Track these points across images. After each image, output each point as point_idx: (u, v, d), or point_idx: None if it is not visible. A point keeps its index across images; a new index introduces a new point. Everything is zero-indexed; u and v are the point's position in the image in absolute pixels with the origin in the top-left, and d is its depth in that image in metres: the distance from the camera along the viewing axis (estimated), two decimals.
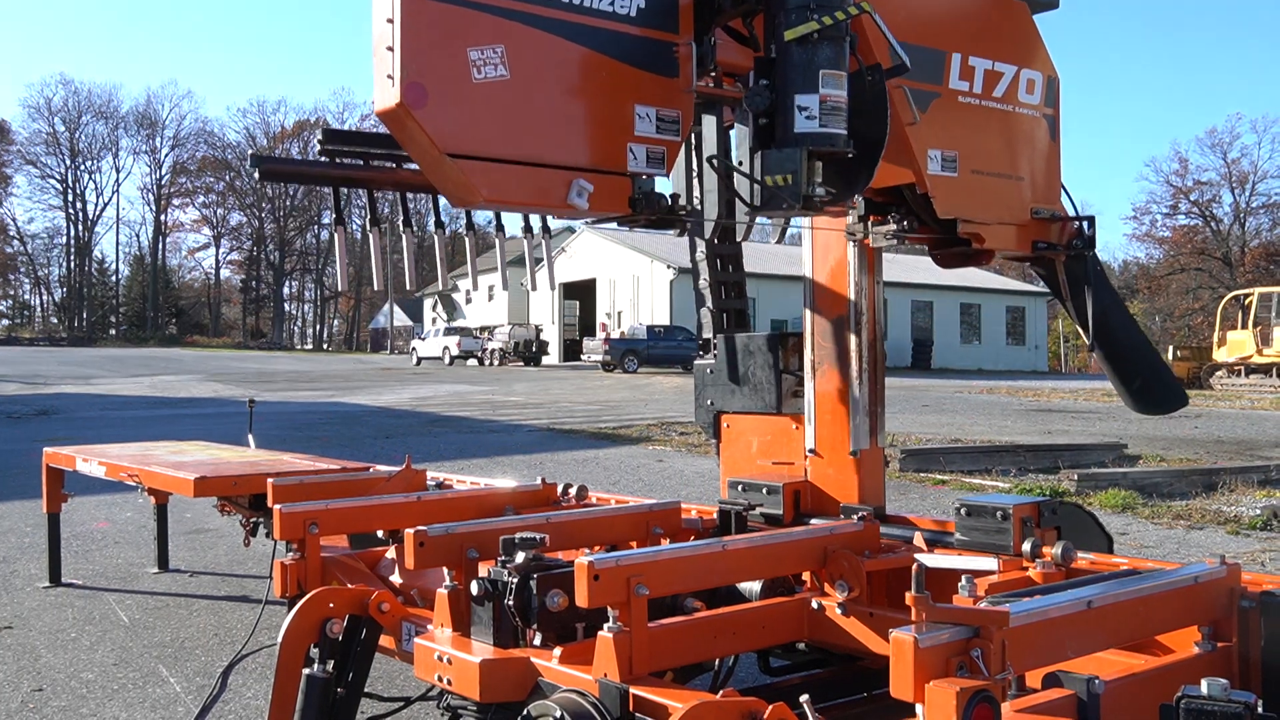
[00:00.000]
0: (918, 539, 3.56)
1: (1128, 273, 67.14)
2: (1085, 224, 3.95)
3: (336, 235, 3.95)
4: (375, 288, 4.45)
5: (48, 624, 5.88)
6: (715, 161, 3.53)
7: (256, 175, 3.82)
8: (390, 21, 2.72)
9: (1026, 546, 3.23)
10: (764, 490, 3.91)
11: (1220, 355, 32.00)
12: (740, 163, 3.17)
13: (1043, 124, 3.98)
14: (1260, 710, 2.12)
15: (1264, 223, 59.87)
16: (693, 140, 3.76)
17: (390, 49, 2.71)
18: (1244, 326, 31.88)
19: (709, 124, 3.77)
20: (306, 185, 4.20)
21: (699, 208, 3.72)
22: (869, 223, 3.74)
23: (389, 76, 2.72)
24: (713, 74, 3.35)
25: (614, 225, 3.40)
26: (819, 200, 3.09)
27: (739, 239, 4.44)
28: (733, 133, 3.42)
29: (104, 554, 7.68)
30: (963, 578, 2.59)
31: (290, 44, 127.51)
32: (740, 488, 3.99)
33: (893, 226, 3.68)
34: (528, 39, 2.89)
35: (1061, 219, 3.94)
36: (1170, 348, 37.16)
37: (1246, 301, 32.76)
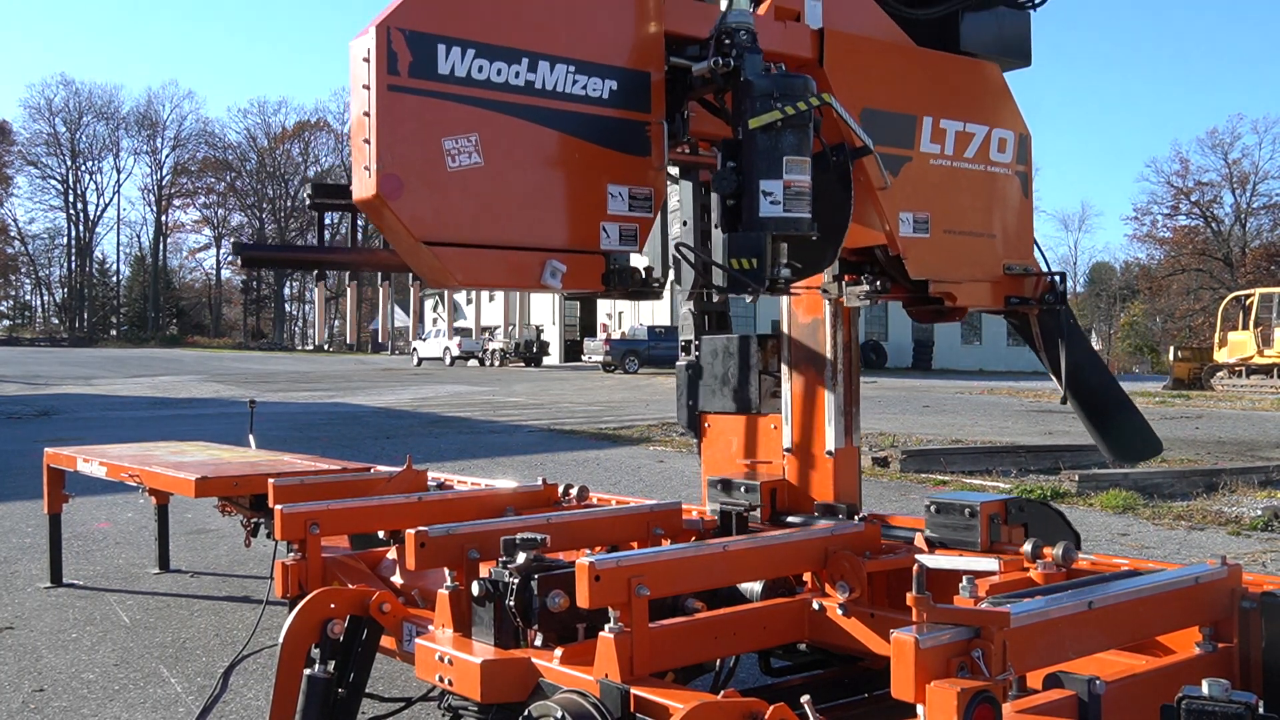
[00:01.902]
0: (918, 540, 3.56)
1: (1129, 273, 67.10)
2: (1057, 278, 4.01)
3: (317, 290, 4.08)
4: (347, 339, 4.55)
5: (49, 624, 5.88)
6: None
7: (239, 263, 3.88)
8: (367, 115, 2.77)
9: (1027, 547, 3.23)
10: (742, 489, 3.95)
11: (1221, 356, 31.97)
12: (716, 224, 3.23)
13: (1014, 181, 4.03)
14: (1261, 711, 2.12)
15: (1265, 223, 59.89)
16: (667, 205, 3.81)
17: (367, 141, 2.77)
18: (1245, 327, 31.85)
19: (685, 189, 3.81)
20: (289, 269, 4.24)
21: (673, 270, 3.78)
22: (843, 282, 3.78)
23: (366, 168, 2.77)
24: (686, 143, 3.41)
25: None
26: (784, 283, 3.16)
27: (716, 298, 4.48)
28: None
29: (105, 554, 7.68)
30: (964, 578, 2.59)
31: (291, 44, 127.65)
32: (719, 486, 4.02)
33: (866, 287, 3.73)
34: (501, 126, 2.93)
35: (1034, 274, 4.00)
36: (1171, 348, 37.15)
37: (1247, 302, 32.74)
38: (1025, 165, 4.07)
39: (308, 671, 3.26)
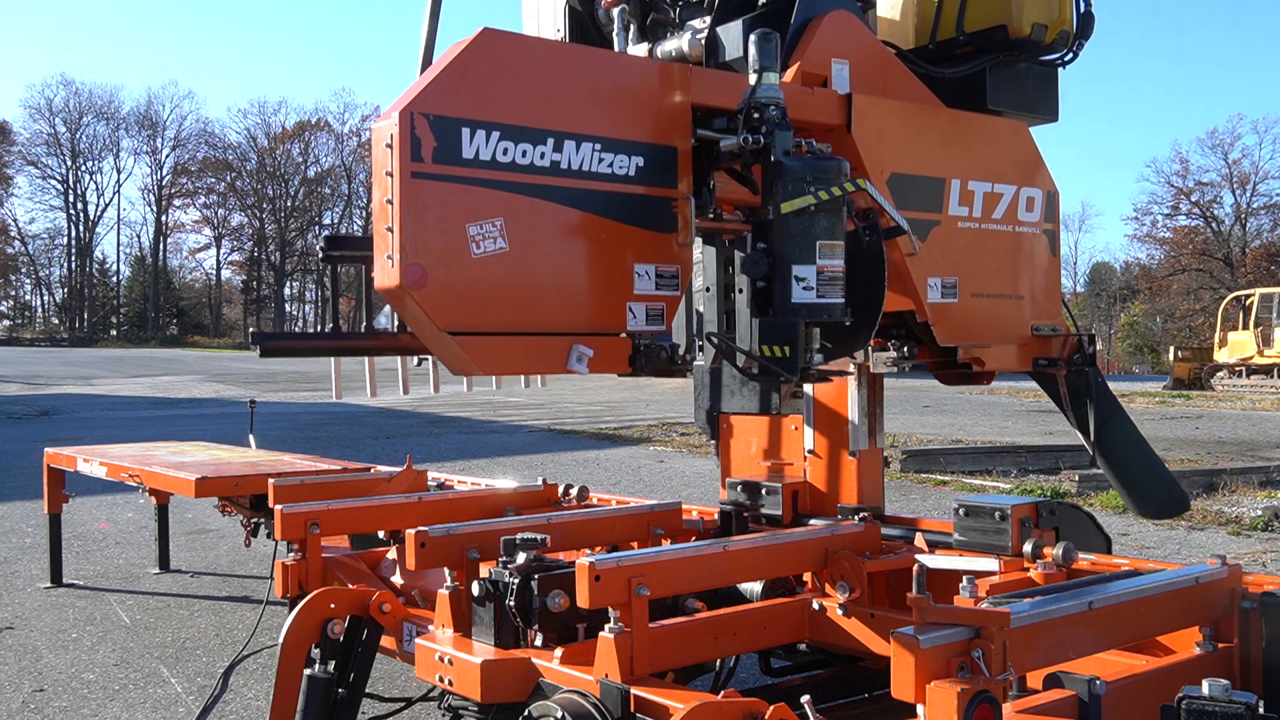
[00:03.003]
0: (919, 540, 3.56)
1: (1129, 273, 67.09)
2: (1086, 339, 3.93)
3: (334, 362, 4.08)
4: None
5: (49, 624, 5.88)
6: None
7: (259, 353, 3.86)
8: (389, 203, 2.70)
9: (1027, 547, 3.22)
10: (763, 491, 3.91)
11: (1221, 356, 31.96)
12: (740, 290, 3.14)
13: (1043, 240, 3.97)
14: (1261, 711, 2.12)
15: (1265, 223, 59.83)
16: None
17: (390, 229, 2.70)
18: (1245, 327, 31.84)
19: (708, 254, 3.72)
20: (308, 357, 4.22)
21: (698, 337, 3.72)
22: (870, 348, 3.72)
23: (388, 257, 2.71)
24: (712, 213, 3.32)
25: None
26: (815, 371, 3.07)
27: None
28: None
29: (105, 554, 7.68)
30: (964, 579, 2.60)
31: (291, 44, 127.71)
32: (739, 488, 3.98)
33: (893, 354, 3.67)
34: (526, 209, 2.86)
35: (1062, 335, 3.94)
36: (1171, 348, 37.14)
37: (1248, 302, 32.72)
38: (1053, 223, 4.00)
39: (308, 671, 3.26)
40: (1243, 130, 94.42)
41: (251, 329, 4.71)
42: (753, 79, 3.03)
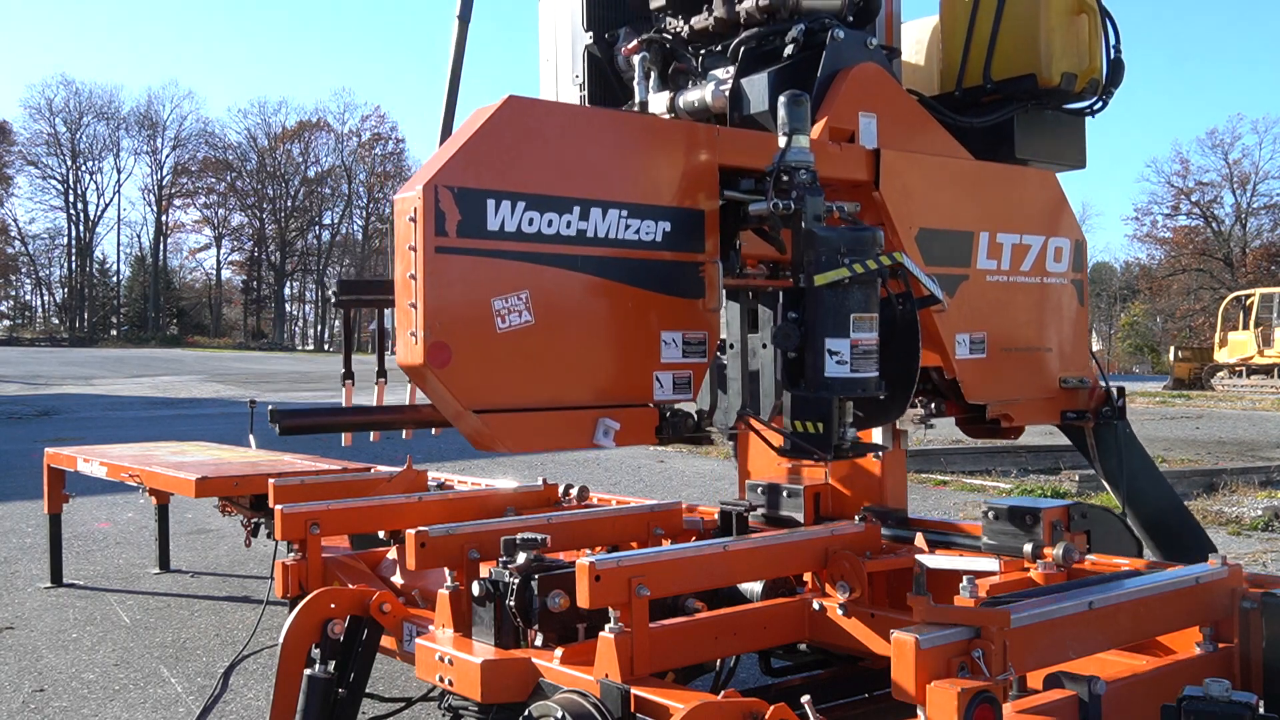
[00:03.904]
0: (919, 540, 3.56)
1: (1129, 273, 67.08)
2: (1115, 391, 3.87)
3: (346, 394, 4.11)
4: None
5: (49, 624, 5.88)
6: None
7: (277, 430, 3.84)
8: (413, 278, 2.63)
9: (1027, 548, 3.22)
10: (784, 493, 3.87)
11: (1221, 356, 31.94)
12: (764, 345, 3.09)
13: (1070, 290, 3.92)
14: (1261, 711, 2.12)
15: (1265, 223, 59.78)
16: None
17: (413, 306, 2.63)
18: (1245, 327, 31.83)
19: (731, 311, 3.66)
20: (330, 433, 4.20)
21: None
22: None
23: (412, 334, 2.65)
24: (737, 270, 3.27)
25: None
26: (851, 448, 2.98)
27: None
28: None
29: (105, 554, 7.68)
30: (964, 579, 2.59)
31: (291, 44, 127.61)
32: (759, 490, 3.95)
33: (920, 411, 3.61)
34: (552, 280, 2.80)
35: (1090, 387, 3.88)
36: (1171, 348, 37.13)
37: (1248, 302, 32.70)
38: (1080, 272, 3.96)
39: (308, 671, 3.26)
40: (1243, 130, 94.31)
41: (271, 405, 4.78)
42: (782, 141, 2.96)
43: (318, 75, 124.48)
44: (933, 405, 3.66)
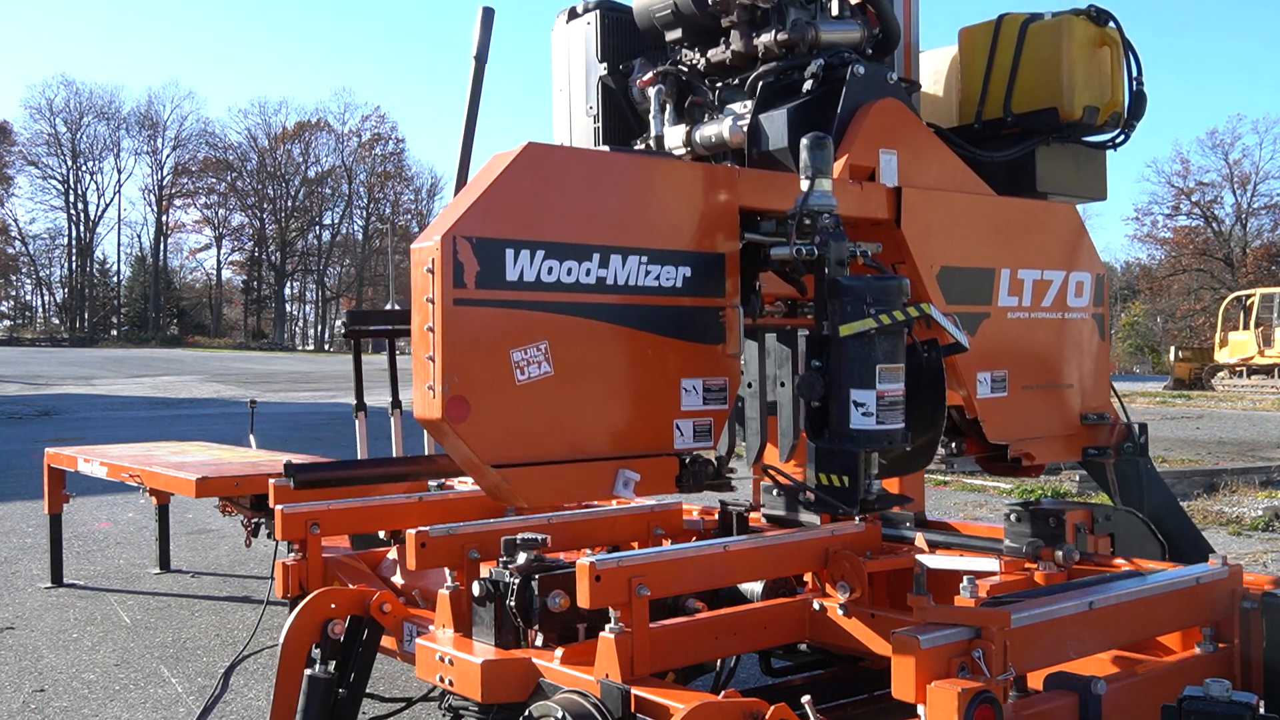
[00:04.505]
0: (919, 540, 3.56)
1: (1129, 274, 67.06)
2: (1137, 428, 3.82)
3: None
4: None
5: (49, 624, 5.88)
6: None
7: (292, 484, 3.80)
8: (430, 330, 2.58)
9: (1027, 548, 3.22)
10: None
11: (1222, 356, 31.92)
12: (780, 383, 3.03)
13: (1091, 325, 3.88)
14: (1262, 711, 2.13)
15: (1265, 224, 59.74)
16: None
17: (430, 359, 2.58)
18: (1246, 327, 31.82)
19: (749, 350, 3.60)
20: (348, 487, 4.16)
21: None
22: None
23: (429, 387, 2.60)
24: (758, 314, 3.23)
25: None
26: (876, 501, 2.92)
27: None
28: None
29: (105, 554, 7.69)
30: (964, 579, 2.59)
31: (291, 44, 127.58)
32: (775, 490, 3.92)
33: (941, 451, 3.55)
34: (572, 330, 2.75)
35: (1111, 423, 3.84)
36: (1172, 349, 37.12)
37: (1248, 302, 32.69)
38: (1101, 306, 3.92)
39: (308, 672, 3.26)
40: (1243, 130, 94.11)
41: (286, 459, 4.77)
42: (805, 184, 2.91)
43: (318, 75, 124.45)
44: (953, 445, 3.63)
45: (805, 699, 2.33)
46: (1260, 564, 7.06)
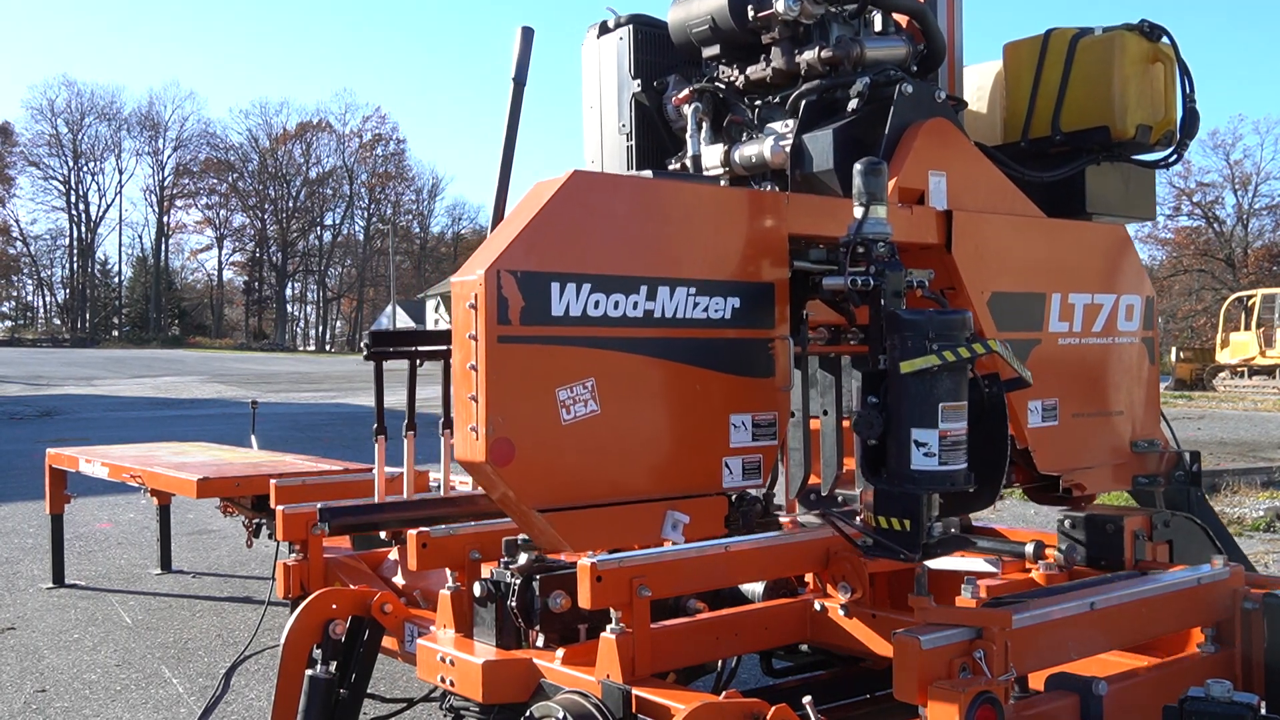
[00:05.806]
0: None
1: None
2: (1188, 456, 3.72)
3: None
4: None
5: (51, 625, 5.88)
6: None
7: (327, 530, 3.74)
8: (473, 369, 2.48)
9: (1029, 549, 3.22)
10: (839, 499, 3.82)
11: (1223, 357, 31.91)
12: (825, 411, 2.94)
13: (1141, 349, 3.78)
14: (1263, 712, 2.13)
15: (1267, 224, 59.74)
16: None
17: (474, 398, 2.48)
18: (1247, 328, 31.81)
19: (795, 379, 3.50)
20: (383, 529, 4.11)
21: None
22: None
23: (472, 429, 2.49)
24: (805, 343, 3.13)
25: None
26: (938, 545, 2.75)
27: None
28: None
29: (107, 555, 7.69)
30: (966, 580, 2.59)
31: (291, 44, 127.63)
32: (813, 495, 3.88)
33: None
34: (619, 366, 2.65)
35: (1160, 450, 3.74)
36: (1173, 349, 37.10)
37: (1249, 303, 32.67)
38: (1151, 329, 3.83)
39: (309, 672, 3.27)
40: (1244, 131, 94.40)
41: (320, 504, 4.68)
42: (859, 211, 2.78)
43: (319, 76, 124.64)
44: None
45: (806, 699, 2.33)
46: (1262, 565, 7.05)
